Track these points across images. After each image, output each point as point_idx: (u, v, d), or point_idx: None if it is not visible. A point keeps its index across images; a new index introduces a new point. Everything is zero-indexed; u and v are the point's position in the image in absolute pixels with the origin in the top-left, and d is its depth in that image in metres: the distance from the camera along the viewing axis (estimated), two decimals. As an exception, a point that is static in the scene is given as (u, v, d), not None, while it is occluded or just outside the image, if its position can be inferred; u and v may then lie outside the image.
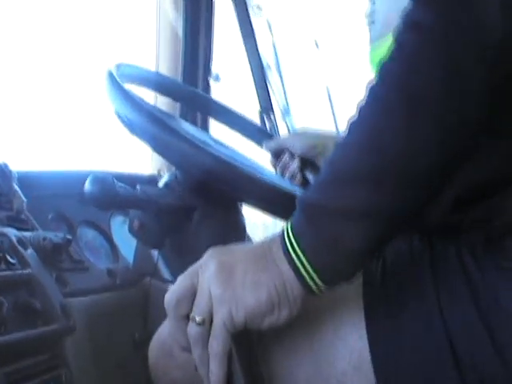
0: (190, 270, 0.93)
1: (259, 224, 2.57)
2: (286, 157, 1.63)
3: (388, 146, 0.83)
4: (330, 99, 2.80)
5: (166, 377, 1.13)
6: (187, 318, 0.91)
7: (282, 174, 1.64)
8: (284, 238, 0.89)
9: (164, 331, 1.16)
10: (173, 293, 0.92)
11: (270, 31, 2.75)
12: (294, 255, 0.87)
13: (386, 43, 0.98)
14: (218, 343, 0.89)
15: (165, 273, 1.64)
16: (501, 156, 0.94)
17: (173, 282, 1.19)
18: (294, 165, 1.60)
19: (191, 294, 0.91)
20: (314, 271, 0.87)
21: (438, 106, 0.82)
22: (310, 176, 1.62)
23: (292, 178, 1.62)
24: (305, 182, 1.61)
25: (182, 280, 0.93)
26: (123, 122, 1.39)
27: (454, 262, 0.98)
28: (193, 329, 0.90)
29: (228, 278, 0.89)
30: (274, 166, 1.69)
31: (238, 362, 0.92)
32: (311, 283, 0.88)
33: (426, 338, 0.95)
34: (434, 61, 0.81)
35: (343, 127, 0.91)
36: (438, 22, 0.81)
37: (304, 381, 1.01)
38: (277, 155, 1.66)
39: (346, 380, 0.98)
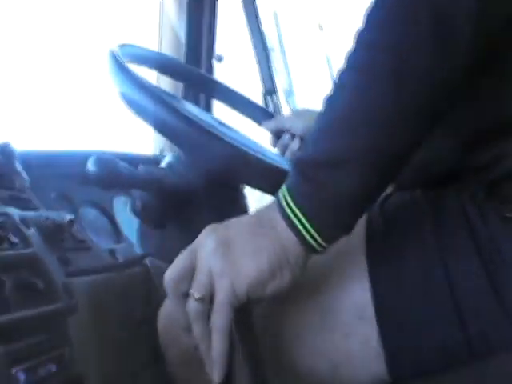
0: (188, 248, 0.93)
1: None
2: (286, 137, 1.63)
3: (375, 91, 0.83)
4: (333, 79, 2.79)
5: (174, 344, 1.14)
6: (187, 296, 0.91)
7: (283, 154, 1.64)
8: (280, 200, 0.89)
9: None
10: (171, 271, 0.93)
11: (275, 12, 2.75)
12: (290, 213, 0.88)
13: None
14: (220, 318, 0.89)
15: (167, 253, 1.64)
16: (502, 102, 0.94)
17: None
18: (295, 145, 1.60)
19: (190, 272, 0.91)
20: (312, 227, 0.87)
21: (425, 53, 0.82)
22: None
23: (293, 157, 1.62)
24: None
25: (181, 258, 0.93)
26: (126, 101, 1.38)
27: (456, 211, 0.98)
28: (192, 305, 0.90)
29: (226, 252, 0.89)
30: (274, 145, 1.69)
31: (238, 339, 0.92)
32: (311, 240, 0.88)
33: (428, 287, 0.96)
34: (420, 3, 0.81)
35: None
36: None
37: (309, 334, 1.01)
38: (277, 135, 1.66)
39: (351, 330, 0.99)
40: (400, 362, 0.97)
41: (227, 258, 0.89)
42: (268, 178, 1.29)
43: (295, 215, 0.87)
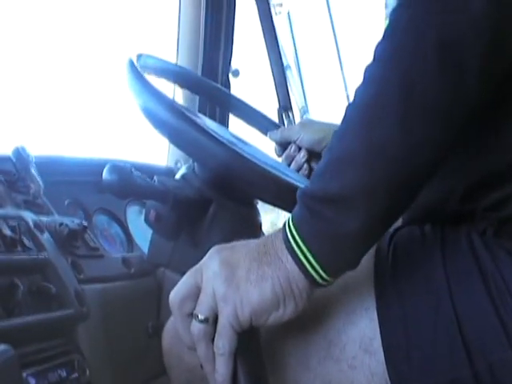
0: (194, 268, 0.93)
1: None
2: (292, 148, 1.63)
3: (382, 128, 0.83)
4: (348, 98, 2.80)
5: (179, 363, 1.13)
6: (192, 316, 0.91)
7: (288, 165, 1.64)
8: (286, 231, 0.89)
9: None
10: (177, 292, 0.92)
11: (291, 29, 2.76)
12: (295, 247, 0.87)
13: None
14: (223, 342, 0.89)
15: (179, 264, 1.64)
16: (508, 144, 0.93)
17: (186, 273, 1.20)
18: (301, 157, 1.60)
19: (195, 293, 0.91)
20: (316, 261, 0.86)
21: (433, 84, 0.82)
22: (315, 165, 1.62)
23: (298, 168, 1.61)
24: (312, 173, 1.61)
25: (186, 279, 0.93)
26: (144, 113, 1.39)
27: (464, 247, 0.98)
28: (196, 326, 0.90)
29: (231, 276, 0.88)
30: (279, 155, 1.68)
31: (242, 362, 0.91)
32: (314, 274, 0.87)
33: (436, 322, 0.95)
34: (427, 37, 0.81)
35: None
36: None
37: (314, 363, 1.00)
38: (282, 145, 1.66)
39: (357, 363, 0.98)
40: None
41: (231, 283, 0.88)
42: (283, 195, 1.29)
43: (298, 247, 0.87)
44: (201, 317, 0.89)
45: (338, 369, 0.99)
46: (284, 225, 0.90)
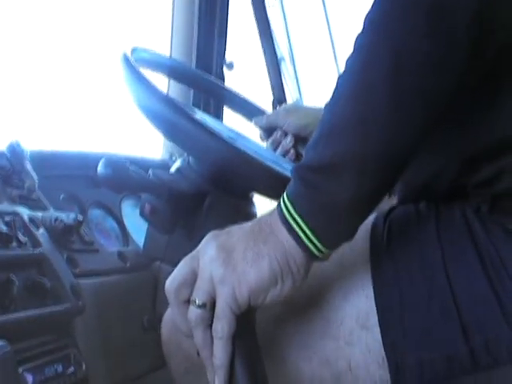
0: (190, 255, 0.93)
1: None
2: (278, 133, 1.62)
3: (372, 96, 0.83)
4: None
5: (178, 352, 1.13)
6: (188, 303, 0.91)
7: (274, 150, 1.64)
8: (281, 207, 0.89)
9: None
10: (173, 279, 0.92)
11: (285, 22, 2.75)
12: (291, 221, 0.87)
13: None
14: (222, 325, 0.88)
15: (174, 258, 1.64)
16: (502, 120, 0.93)
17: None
18: (288, 142, 1.60)
19: (191, 279, 0.91)
20: (313, 233, 0.86)
21: (422, 54, 0.81)
22: (302, 150, 1.62)
23: (285, 153, 1.61)
24: (298, 158, 1.61)
25: (182, 265, 0.93)
26: (139, 108, 1.38)
27: (459, 223, 0.98)
28: (193, 312, 0.90)
29: (227, 258, 0.88)
30: (264, 140, 1.67)
31: (239, 346, 0.91)
32: (311, 246, 0.87)
33: (432, 298, 0.95)
34: (417, 4, 0.81)
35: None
36: None
37: (312, 341, 1.01)
38: (268, 131, 1.65)
39: (354, 339, 0.99)
40: (403, 372, 0.96)
41: (228, 265, 0.88)
42: (277, 186, 1.29)
43: (295, 220, 0.87)
44: (198, 302, 0.89)
45: (335, 346, 1.00)
46: (279, 202, 0.90)
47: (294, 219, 0.87)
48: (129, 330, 1.50)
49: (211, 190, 1.63)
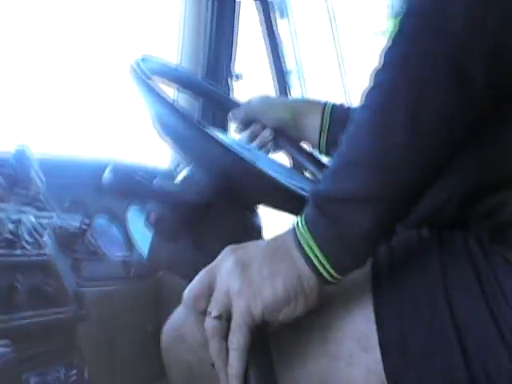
0: (208, 267, 0.94)
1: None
2: (257, 126, 1.60)
3: (392, 137, 0.85)
4: (347, 94, 2.80)
5: (178, 362, 1.13)
6: (205, 314, 0.91)
7: (251, 141, 1.62)
8: (296, 231, 0.90)
9: (177, 317, 1.16)
10: (191, 290, 0.93)
11: (293, 35, 2.76)
12: (306, 247, 0.88)
13: None
14: (237, 338, 0.89)
15: (179, 267, 1.64)
16: (504, 153, 0.94)
17: (186, 276, 1.20)
18: (268, 135, 1.58)
19: (209, 291, 0.92)
20: (327, 260, 0.88)
21: (441, 91, 0.83)
22: (281, 143, 1.60)
23: (263, 146, 1.60)
24: (276, 149, 1.60)
25: (201, 277, 0.93)
26: (150, 117, 1.38)
27: (461, 251, 0.98)
28: (209, 323, 0.91)
29: (244, 273, 0.90)
30: (239, 133, 1.65)
31: (253, 357, 0.92)
32: (324, 273, 0.88)
33: (433, 324, 0.96)
34: (437, 47, 0.82)
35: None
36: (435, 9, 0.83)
37: (312, 362, 1.01)
38: (245, 124, 1.62)
39: (354, 361, 0.99)
40: None
41: (244, 279, 0.90)
42: (287, 201, 1.29)
43: (309, 247, 0.88)
44: (214, 313, 0.90)
45: (335, 366, 1.00)
46: (294, 224, 0.90)
47: (309, 246, 0.88)
48: (132, 337, 1.50)
49: (216, 201, 1.63)
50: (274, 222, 1.74)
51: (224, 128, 2.24)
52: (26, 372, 1.11)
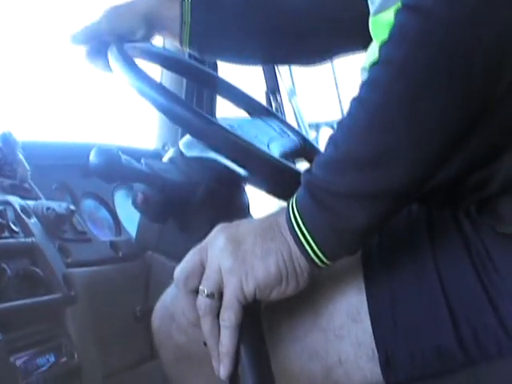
0: (199, 245, 0.94)
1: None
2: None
3: (391, 135, 0.83)
4: (335, 82, 2.80)
5: (168, 341, 1.14)
6: (197, 292, 0.92)
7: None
8: (290, 216, 0.89)
9: (167, 297, 1.16)
10: (182, 268, 0.93)
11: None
12: (298, 232, 0.88)
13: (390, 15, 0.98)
14: (229, 315, 0.90)
15: (167, 247, 1.64)
16: (496, 125, 0.94)
17: (174, 256, 1.19)
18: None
19: (200, 269, 0.92)
20: (319, 248, 0.88)
21: (441, 91, 0.82)
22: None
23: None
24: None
25: (191, 255, 0.93)
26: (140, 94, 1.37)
27: (450, 222, 1.00)
28: (202, 301, 0.91)
29: (236, 250, 0.90)
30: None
31: (245, 335, 0.92)
32: (316, 259, 0.89)
33: (422, 293, 0.97)
34: (437, 47, 0.81)
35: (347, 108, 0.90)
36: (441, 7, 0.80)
37: (304, 337, 1.02)
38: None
39: (344, 333, 1.00)
40: (394, 364, 0.97)
41: (237, 257, 0.89)
42: (274, 179, 1.28)
43: (302, 233, 0.88)
44: (207, 292, 0.90)
45: (325, 339, 1.00)
46: (288, 208, 0.90)
47: (302, 231, 0.88)
48: (121, 319, 1.50)
49: (204, 180, 1.63)
50: (261, 199, 1.74)
51: (211, 106, 2.24)
52: (14, 355, 1.11)
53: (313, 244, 0.88)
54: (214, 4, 1.29)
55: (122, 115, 2.14)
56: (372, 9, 1.06)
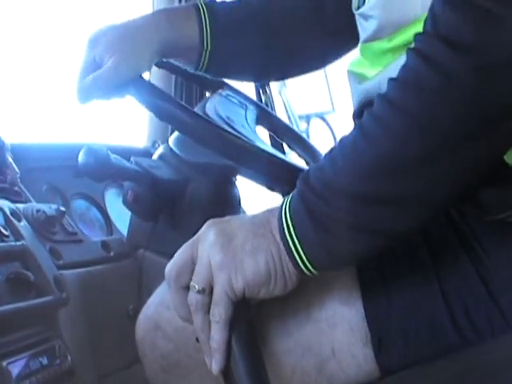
0: (190, 241, 0.93)
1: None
2: None
3: (404, 179, 0.83)
4: (325, 73, 2.79)
5: (153, 352, 1.12)
6: (187, 288, 0.91)
7: None
8: (282, 220, 0.88)
9: (150, 308, 1.15)
10: (173, 264, 0.93)
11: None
12: (289, 240, 0.87)
13: (388, 45, 0.97)
14: (219, 310, 0.89)
15: (158, 245, 1.64)
16: None
17: (166, 254, 1.19)
18: None
19: (191, 265, 0.91)
20: (307, 259, 0.87)
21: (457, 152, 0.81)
22: None
23: None
24: None
25: (182, 251, 0.93)
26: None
27: (442, 218, 1.00)
28: (193, 297, 0.90)
29: (227, 245, 0.89)
30: None
31: (236, 331, 0.92)
32: (304, 268, 0.88)
33: (414, 271, 0.97)
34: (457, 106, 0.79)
35: (337, 99, 0.90)
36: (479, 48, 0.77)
37: (296, 331, 1.01)
38: None
39: (336, 319, 0.99)
40: (387, 346, 0.97)
41: (227, 252, 0.89)
42: (267, 172, 1.28)
43: (293, 242, 0.87)
44: (198, 287, 0.89)
45: (318, 331, 1.00)
46: (281, 210, 0.89)
47: (292, 240, 0.87)
48: (114, 319, 1.50)
49: (194, 176, 1.63)
50: (252, 192, 1.74)
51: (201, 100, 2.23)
52: (7, 359, 1.11)
53: (302, 253, 0.87)
54: (231, 30, 1.29)
55: (112, 114, 2.14)
56: (363, 35, 1.06)
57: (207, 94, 2.13)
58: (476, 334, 0.94)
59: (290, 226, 0.88)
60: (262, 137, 1.61)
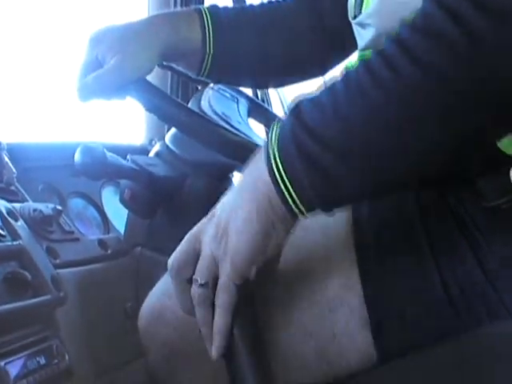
0: (191, 234, 0.94)
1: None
2: None
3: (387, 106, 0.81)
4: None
5: (156, 340, 1.13)
6: (190, 281, 0.92)
7: None
8: (270, 162, 0.86)
9: (153, 297, 1.16)
10: (175, 258, 0.93)
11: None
12: (283, 187, 0.86)
13: None
14: (223, 295, 0.90)
15: (156, 242, 1.65)
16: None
17: (164, 251, 1.19)
18: None
19: (194, 258, 0.92)
20: (300, 201, 0.86)
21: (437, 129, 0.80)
22: None
23: None
24: None
25: (184, 245, 0.93)
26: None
27: (440, 203, 1.01)
28: (196, 291, 0.91)
29: (224, 234, 0.89)
30: None
31: (238, 318, 0.93)
32: (295, 209, 0.87)
33: (413, 255, 0.98)
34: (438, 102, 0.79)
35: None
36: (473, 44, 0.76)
37: (295, 317, 1.02)
38: None
39: (337, 303, 1.00)
40: (385, 327, 0.98)
41: (226, 243, 0.89)
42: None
43: (285, 185, 0.85)
44: (201, 281, 0.90)
45: (319, 314, 1.01)
46: (268, 152, 0.87)
47: (285, 184, 0.85)
48: (112, 317, 1.50)
49: (190, 173, 1.63)
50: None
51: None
52: (5, 359, 1.11)
53: (294, 196, 0.85)
54: (233, 36, 1.30)
55: (108, 112, 2.13)
56: (361, 43, 1.05)
57: (199, 88, 2.14)
58: (474, 318, 0.94)
59: (280, 164, 0.85)
60: (257, 132, 1.62)
